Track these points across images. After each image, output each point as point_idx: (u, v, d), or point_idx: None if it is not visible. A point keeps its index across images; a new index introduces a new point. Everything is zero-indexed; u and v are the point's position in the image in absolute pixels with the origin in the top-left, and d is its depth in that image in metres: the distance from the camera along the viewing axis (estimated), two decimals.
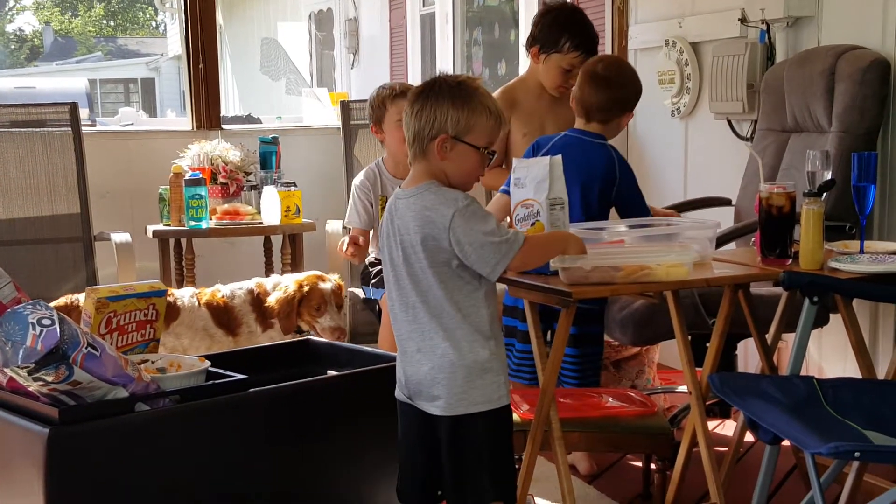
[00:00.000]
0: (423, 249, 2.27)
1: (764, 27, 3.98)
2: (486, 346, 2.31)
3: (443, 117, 2.29)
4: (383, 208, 3.75)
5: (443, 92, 2.31)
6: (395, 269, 2.34)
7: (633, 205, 3.22)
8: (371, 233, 3.77)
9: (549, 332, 3.13)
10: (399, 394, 2.42)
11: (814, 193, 2.68)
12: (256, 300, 3.58)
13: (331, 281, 3.68)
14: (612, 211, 3.31)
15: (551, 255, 2.45)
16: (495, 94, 3.77)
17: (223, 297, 3.53)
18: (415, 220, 2.28)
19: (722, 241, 3.24)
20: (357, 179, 3.84)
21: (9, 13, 29.34)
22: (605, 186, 3.18)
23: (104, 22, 29.16)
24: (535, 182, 2.68)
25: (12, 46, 28.30)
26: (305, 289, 3.59)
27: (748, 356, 3.90)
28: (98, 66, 25.19)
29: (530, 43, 3.74)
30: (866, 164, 2.78)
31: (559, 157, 2.73)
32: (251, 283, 3.60)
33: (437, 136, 2.29)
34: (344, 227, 3.97)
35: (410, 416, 2.39)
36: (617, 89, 3.21)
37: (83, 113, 9.41)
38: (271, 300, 3.57)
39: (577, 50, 3.65)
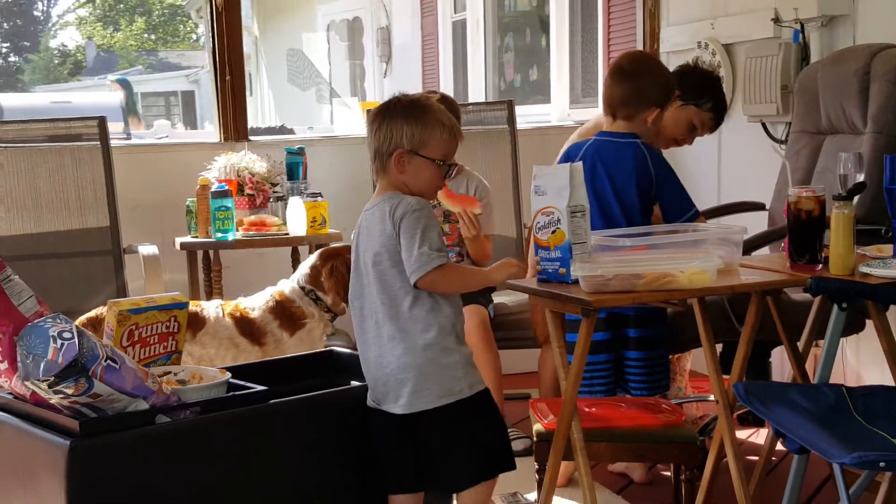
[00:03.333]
0: (385, 251, 2.44)
1: (798, 27, 3.92)
2: (447, 340, 2.45)
3: (398, 133, 2.47)
4: None
5: (397, 110, 2.50)
6: (361, 279, 2.51)
7: (674, 199, 3.15)
8: None
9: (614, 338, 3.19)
10: (369, 400, 2.56)
11: (843, 197, 2.62)
12: (277, 308, 3.56)
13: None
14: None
15: (471, 285, 2.63)
16: (586, 127, 3.79)
17: (245, 308, 3.53)
18: (378, 225, 2.45)
19: (751, 246, 3.18)
20: None
21: (52, 29, 29.71)
22: (643, 184, 3.12)
23: (145, 35, 29.44)
24: (555, 189, 2.65)
25: (56, 62, 28.64)
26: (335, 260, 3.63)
27: (783, 364, 3.84)
28: (139, 79, 25.42)
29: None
30: None
31: (580, 164, 2.70)
32: (267, 295, 3.60)
33: (394, 152, 2.46)
34: None
35: (381, 419, 2.52)
36: (637, 82, 3.15)
37: (118, 127, 9.50)
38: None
39: (712, 111, 3.66)
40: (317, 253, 3.68)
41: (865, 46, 3.49)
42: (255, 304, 3.56)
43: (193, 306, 3.30)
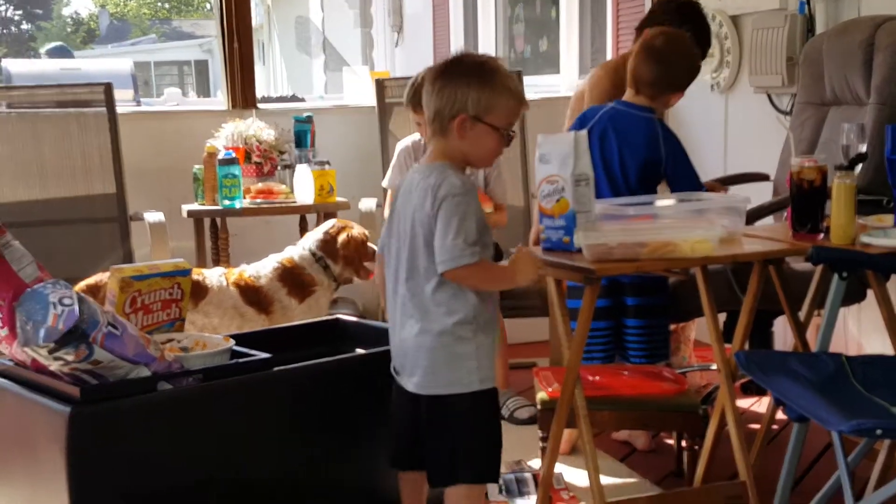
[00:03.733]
0: (421, 226, 2.31)
1: None
2: (464, 330, 2.32)
3: (463, 97, 2.30)
4: None
5: (464, 71, 2.32)
6: (398, 241, 2.38)
7: (683, 180, 3.16)
8: None
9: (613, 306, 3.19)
10: (392, 366, 2.47)
11: (845, 167, 2.62)
12: (286, 274, 3.56)
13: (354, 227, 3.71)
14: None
15: (495, 286, 2.42)
16: (606, 70, 3.76)
17: (250, 276, 3.53)
18: (419, 197, 2.31)
19: (754, 216, 3.18)
20: (403, 142, 3.83)
21: None
22: (650, 161, 3.13)
23: (159, 4, 29.39)
24: (560, 158, 2.65)
25: (68, 30, 28.63)
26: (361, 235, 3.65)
27: (786, 333, 3.84)
28: (153, 48, 25.41)
29: (646, 24, 3.62)
30: None
31: (584, 132, 2.69)
32: (274, 262, 3.60)
33: (456, 116, 2.30)
34: (383, 189, 4.01)
35: (397, 389, 2.45)
36: (668, 66, 3.16)
37: (128, 94, 9.48)
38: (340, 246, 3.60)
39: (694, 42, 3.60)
40: (328, 223, 3.68)
41: (870, 18, 3.47)
42: (261, 271, 3.56)
43: (195, 275, 3.31)
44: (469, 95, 2.29)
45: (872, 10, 3.60)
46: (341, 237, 3.61)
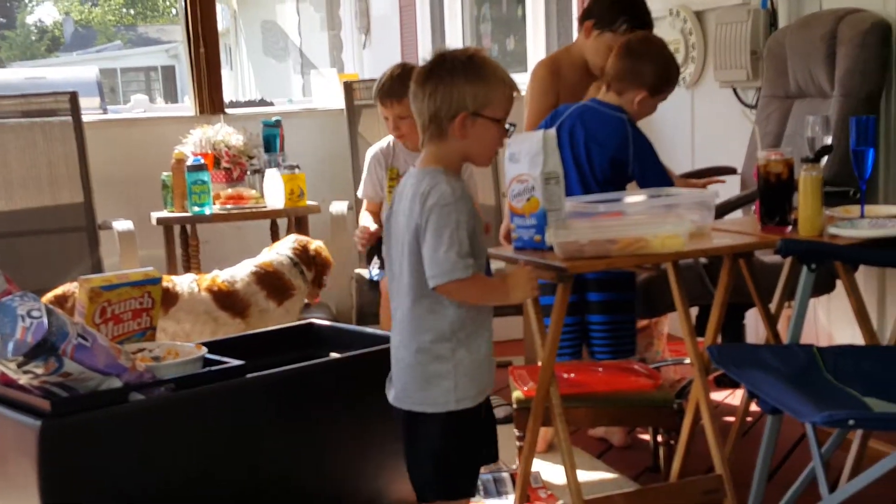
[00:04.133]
0: (408, 232, 2.22)
1: None
2: (442, 348, 2.23)
3: (460, 94, 2.21)
4: (392, 180, 3.76)
5: (454, 68, 2.23)
6: (393, 249, 2.30)
7: (650, 180, 3.15)
8: (382, 206, 3.79)
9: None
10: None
11: (811, 159, 2.64)
12: (265, 278, 3.57)
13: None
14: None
15: (490, 302, 2.30)
16: (542, 63, 3.77)
17: (223, 281, 3.52)
18: (410, 203, 2.23)
19: (724, 210, 3.20)
20: (372, 150, 3.82)
21: (29, 4, 29.47)
22: (617, 159, 3.14)
23: (124, 10, 29.21)
24: (529, 156, 2.64)
25: (33, 38, 28.42)
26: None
27: (758, 326, 3.86)
28: (118, 55, 25.26)
29: (585, 16, 3.66)
30: (864, 128, 2.73)
31: (552, 131, 2.69)
32: (251, 266, 3.59)
33: (456, 115, 2.22)
34: (357, 199, 4.00)
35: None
36: (634, 61, 3.16)
37: (94, 102, 9.42)
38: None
39: (630, 33, 3.56)
40: (290, 237, 3.74)
41: (831, 12, 3.50)
42: (237, 276, 3.56)
43: (165, 282, 3.29)
44: (466, 92, 2.21)
45: (834, 4, 3.63)
46: (312, 246, 3.68)
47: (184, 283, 3.49)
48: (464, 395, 2.25)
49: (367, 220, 3.71)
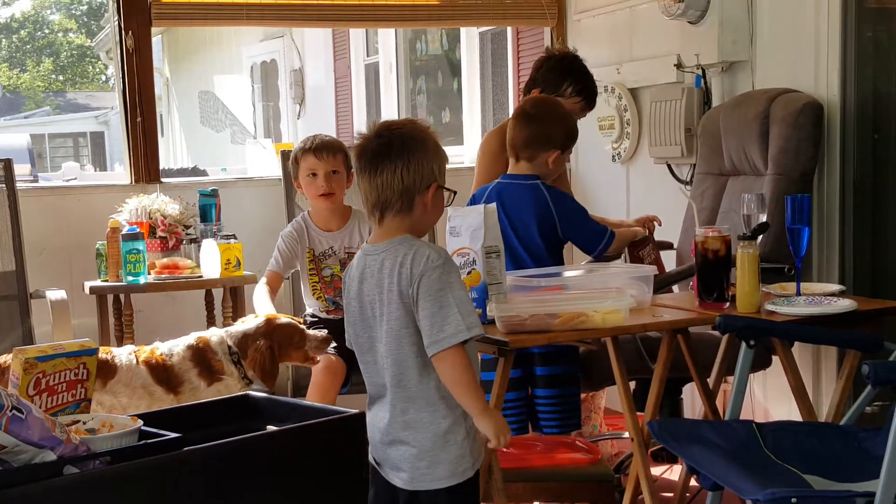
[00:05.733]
0: (397, 308, 2.20)
1: (699, 72, 4.01)
2: (451, 414, 2.23)
3: (429, 166, 2.23)
4: (311, 260, 3.83)
5: (424, 140, 2.25)
6: (370, 329, 2.27)
7: (584, 234, 3.19)
8: (304, 288, 3.87)
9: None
10: (371, 457, 2.35)
11: (748, 237, 2.69)
12: (198, 355, 3.48)
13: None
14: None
15: (470, 385, 2.21)
16: (493, 132, 3.81)
17: (161, 354, 3.45)
18: (390, 276, 2.20)
19: (661, 285, 3.23)
20: (285, 230, 3.92)
21: None
22: (543, 225, 3.15)
23: (53, 76, 29.00)
24: (469, 230, 2.68)
25: None
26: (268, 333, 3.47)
27: (695, 400, 3.89)
28: (47, 120, 25.02)
29: (531, 85, 3.73)
30: (800, 206, 2.79)
31: (493, 205, 2.73)
32: (191, 339, 3.52)
33: (429, 187, 2.22)
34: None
35: (378, 483, 2.34)
36: (539, 124, 3.20)
37: (25, 169, 9.30)
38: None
39: (578, 95, 3.66)
40: (262, 319, 3.50)
41: (764, 91, 3.60)
42: (174, 349, 3.47)
43: (104, 353, 3.22)
44: (434, 163, 2.23)
45: (765, 84, 3.73)
46: (259, 342, 3.44)
47: (122, 354, 3.41)
48: (472, 462, 2.25)
49: (263, 300, 3.68)
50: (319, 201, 3.78)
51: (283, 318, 3.52)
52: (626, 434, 3.82)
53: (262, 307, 3.64)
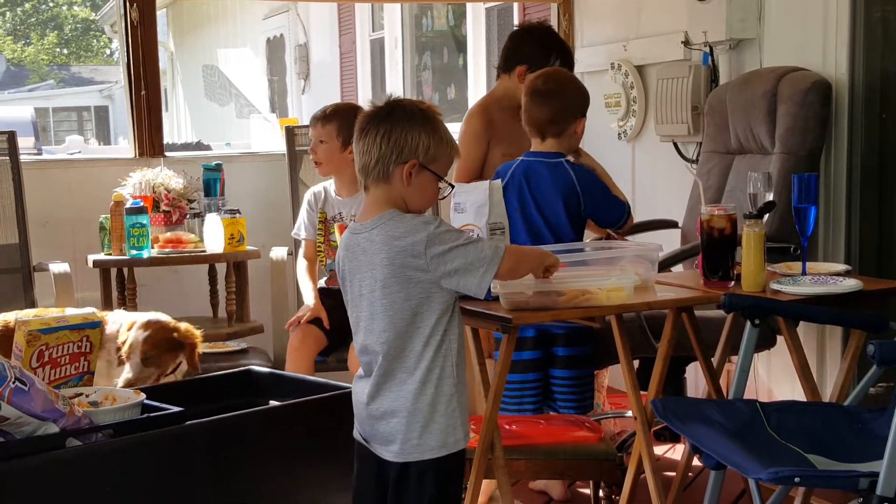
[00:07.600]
0: (396, 281, 2.19)
1: (707, 50, 3.99)
2: (442, 385, 2.23)
3: (414, 142, 2.22)
4: (321, 222, 3.87)
5: (414, 116, 2.24)
6: (357, 308, 2.27)
7: (606, 209, 3.17)
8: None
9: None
10: (356, 433, 2.34)
11: (754, 215, 2.67)
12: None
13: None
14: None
15: (524, 264, 2.36)
16: (473, 112, 3.84)
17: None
18: (382, 252, 2.19)
19: (666, 264, 3.22)
20: (308, 193, 3.98)
21: None
22: (570, 204, 3.13)
23: (57, 50, 28.93)
24: (475, 207, 2.66)
25: None
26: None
27: (698, 379, 3.89)
28: (51, 94, 24.98)
29: (516, 61, 3.72)
30: (806, 185, 2.78)
31: (498, 181, 2.72)
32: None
33: (406, 161, 2.22)
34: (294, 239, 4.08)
35: (363, 460, 2.33)
36: (558, 99, 3.18)
37: (29, 142, 9.28)
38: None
39: (565, 67, 3.65)
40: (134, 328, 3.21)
41: (772, 69, 3.57)
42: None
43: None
44: (420, 141, 2.22)
45: (774, 62, 3.71)
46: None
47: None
48: (462, 434, 2.26)
49: (306, 286, 3.75)
50: (329, 166, 3.83)
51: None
52: (630, 413, 3.83)
53: (307, 294, 3.75)
